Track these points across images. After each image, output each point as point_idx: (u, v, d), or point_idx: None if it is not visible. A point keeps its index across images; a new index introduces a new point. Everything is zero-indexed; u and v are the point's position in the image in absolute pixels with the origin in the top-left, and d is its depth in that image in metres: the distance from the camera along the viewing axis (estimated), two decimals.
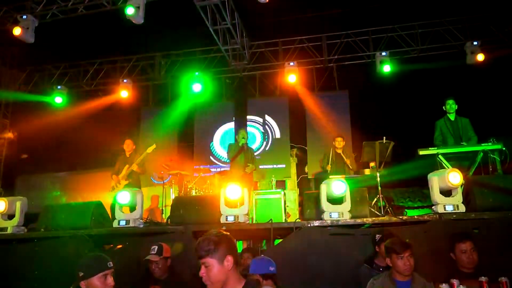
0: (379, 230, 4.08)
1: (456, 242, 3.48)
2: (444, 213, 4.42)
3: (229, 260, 2.24)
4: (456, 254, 3.46)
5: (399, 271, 3.23)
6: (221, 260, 2.23)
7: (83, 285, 2.67)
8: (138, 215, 5.17)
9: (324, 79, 11.06)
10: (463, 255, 3.41)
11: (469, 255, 3.39)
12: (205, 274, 2.24)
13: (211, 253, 2.24)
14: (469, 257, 3.38)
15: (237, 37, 9.81)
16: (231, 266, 2.24)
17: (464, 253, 3.42)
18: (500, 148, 5.82)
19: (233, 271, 2.26)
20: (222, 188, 5.03)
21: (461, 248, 3.44)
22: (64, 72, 11.94)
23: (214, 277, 2.22)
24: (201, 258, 2.26)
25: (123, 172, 7.42)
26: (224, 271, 2.23)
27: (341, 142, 7.60)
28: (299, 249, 4.52)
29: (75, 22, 9.30)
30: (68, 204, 6.12)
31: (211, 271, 2.23)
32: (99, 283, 2.65)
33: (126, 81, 11.42)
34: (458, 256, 3.44)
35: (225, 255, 2.24)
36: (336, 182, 4.59)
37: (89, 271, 2.68)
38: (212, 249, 2.24)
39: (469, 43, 9.89)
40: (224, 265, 2.23)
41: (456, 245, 3.47)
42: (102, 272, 2.68)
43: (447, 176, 4.36)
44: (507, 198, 4.54)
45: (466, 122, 6.76)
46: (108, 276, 2.70)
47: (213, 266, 2.23)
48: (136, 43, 11.01)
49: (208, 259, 2.24)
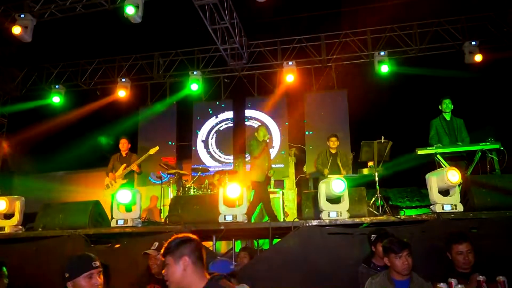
0: (375, 230, 4.08)
1: (453, 243, 3.45)
2: (442, 213, 4.43)
3: (186, 260, 2.29)
4: (452, 255, 3.44)
5: (397, 270, 3.23)
6: (178, 260, 2.30)
7: (69, 285, 2.68)
8: (137, 215, 5.17)
9: (323, 78, 11.05)
10: (459, 256, 3.39)
11: (465, 256, 3.37)
12: (165, 273, 2.33)
13: (170, 252, 2.33)
14: (465, 259, 3.37)
15: (236, 36, 9.81)
16: (187, 267, 2.29)
17: (460, 254, 3.39)
18: (498, 147, 5.85)
19: (191, 272, 2.29)
20: (221, 187, 5.04)
21: (457, 249, 3.41)
22: (62, 71, 11.90)
23: (170, 276, 2.30)
24: (164, 255, 2.36)
25: (119, 171, 7.41)
26: (179, 270, 2.29)
27: (336, 142, 7.44)
28: (298, 249, 4.52)
29: (74, 21, 9.30)
30: (66, 203, 6.10)
31: (169, 269, 2.31)
32: (84, 283, 2.66)
33: (125, 80, 11.40)
34: (454, 257, 3.43)
35: (182, 256, 2.30)
36: (336, 181, 4.59)
37: (74, 271, 2.69)
38: (171, 249, 2.33)
39: (467, 43, 9.91)
40: (179, 265, 2.29)
41: (453, 246, 3.44)
42: (87, 272, 2.68)
43: (446, 174, 4.37)
44: (505, 198, 4.55)
45: (461, 122, 6.79)
46: (94, 275, 2.70)
47: (170, 265, 2.31)
48: (135, 42, 11.01)
49: (168, 257, 2.33)
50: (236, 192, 4.81)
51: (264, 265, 4.53)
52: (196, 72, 11.10)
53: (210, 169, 9.66)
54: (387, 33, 10.52)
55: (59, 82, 11.80)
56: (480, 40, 9.93)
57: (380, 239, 3.78)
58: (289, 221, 5.27)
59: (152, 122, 11.62)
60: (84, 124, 11.60)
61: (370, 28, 10.63)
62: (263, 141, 7.10)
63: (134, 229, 5.06)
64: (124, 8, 7.69)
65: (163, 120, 11.57)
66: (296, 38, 10.97)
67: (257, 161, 7.09)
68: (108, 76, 11.78)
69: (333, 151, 7.40)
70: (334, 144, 7.41)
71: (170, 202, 5.90)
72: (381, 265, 3.74)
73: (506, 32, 9.89)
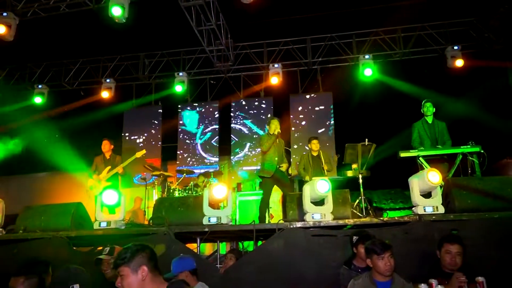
0: (356, 232, 4.12)
1: (445, 241, 3.56)
2: (424, 214, 4.48)
3: (144, 270, 2.25)
4: (441, 253, 3.54)
5: (379, 271, 3.26)
6: (135, 270, 2.25)
7: None
8: (120, 217, 5.12)
9: (309, 80, 11.11)
10: (447, 256, 3.49)
11: (452, 257, 3.46)
12: (120, 284, 2.26)
13: (126, 262, 2.26)
14: (452, 259, 3.45)
15: (222, 38, 9.81)
16: (145, 276, 2.25)
17: (448, 254, 3.49)
18: (478, 150, 5.96)
19: (149, 281, 2.26)
20: (206, 189, 5.02)
21: (447, 248, 3.51)
22: (45, 71, 11.73)
23: (128, 285, 2.24)
24: (117, 267, 2.27)
25: (103, 173, 7.34)
26: (137, 280, 2.24)
27: (317, 145, 7.38)
28: (282, 251, 4.52)
29: (57, 20, 9.17)
30: (47, 205, 6.00)
31: (125, 280, 2.25)
32: None
33: (109, 80, 11.31)
34: (442, 255, 3.53)
35: (140, 265, 2.26)
36: (320, 181, 4.61)
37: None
38: (127, 258, 2.26)
39: (450, 47, 10.08)
40: (138, 275, 2.24)
41: (444, 244, 3.55)
42: None
43: (427, 175, 4.44)
44: (485, 200, 4.63)
45: (443, 126, 6.89)
46: None
47: (127, 276, 2.25)
48: (120, 42, 10.91)
49: (122, 267, 2.26)
50: (222, 193, 4.80)
51: (248, 267, 4.52)
52: (182, 73, 11.07)
53: (195, 170, 9.61)
54: (371, 37, 10.64)
55: (42, 81, 11.62)
56: (462, 45, 10.11)
57: (362, 241, 3.82)
58: (273, 223, 5.26)
59: (137, 123, 11.54)
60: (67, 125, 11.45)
61: (355, 32, 10.74)
62: (273, 134, 6.70)
63: (117, 232, 5.01)
64: (109, 9, 7.63)
65: (148, 121, 11.50)
66: (282, 41, 11.02)
67: (267, 156, 6.70)
68: (93, 76, 11.66)
69: (315, 153, 7.32)
70: (316, 146, 7.32)
71: (154, 204, 5.86)
72: (362, 267, 3.78)
73: (487, 37, 10.10)
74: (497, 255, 4.04)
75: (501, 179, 5.05)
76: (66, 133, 11.59)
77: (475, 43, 10.26)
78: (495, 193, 4.66)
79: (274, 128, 6.68)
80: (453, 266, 3.45)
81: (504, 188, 4.72)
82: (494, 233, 4.23)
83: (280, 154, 6.77)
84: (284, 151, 6.96)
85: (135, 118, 11.64)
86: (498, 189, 4.71)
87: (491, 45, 10.14)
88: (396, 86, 10.70)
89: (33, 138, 11.56)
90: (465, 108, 9.94)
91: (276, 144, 6.68)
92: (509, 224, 4.24)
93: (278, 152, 6.70)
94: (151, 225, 5.29)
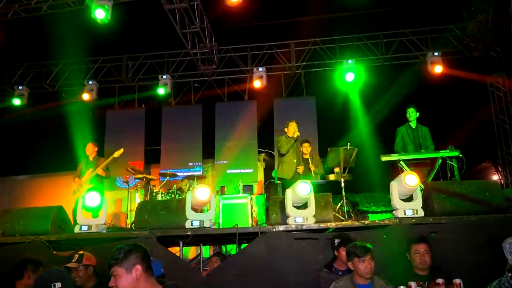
0: (338, 235, 4.16)
1: (412, 243, 3.69)
2: (404, 218, 4.55)
3: (137, 269, 2.25)
4: (411, 255, 3.66)
5: (360, 274, 3.31)
6: (129, 269, 2.25)
7: None
8: (101, 220, 5.06)
9: (292, 85, 11.19)
10: (416, 256, 3.60)
11: (421, 256, 3.57)
12: (114, 284, 2.25)
13: (119, 262, 2.26)
14: (421, 259, 3.55)
15: (206, 41, 9.82)
16: (139, 275, 2.25)
17: (417, 254, 3.60)
18: (457, 155, 6.09)
19: (143, 281, 2.27)
20: (189, 193, 5.00)
21: (415, 248, 3.63)
22: (26, 72, 11.53)
23: (122, 285, 2.24)
24: (110, 267, 2.27)
25: (86, 176, 7.26)
26: (132, 280, 2.24)
27: (308, 148, 7.47)
28: (264, 254, 4.54)
29: (38, 21, 9.05)
30: (27, 208, 5.89)
31: (118, 280, 2.24)
32: None
33: (92, 82, 11.18)
34: (412, 256, 3.64)
35: (133, 265, 2.26)
36: (301, 184, 4.65)
37: None
38: (121, 258, 2.27)
39: (430, 53, 10.27)
40: (132, 274, 2.24)
41: (412, 246, 3.67)
42: None
43: (404, 179, 4.52)
44: (463, 203, 4.72)
45: (426, 131, 7.05)
46: None
47: (121, 276, 2.25)
48: (103, 44, 10.81)
49: (116, 267, 2.26)
50: (205, 195, 4.78)
51: (231, 270, 4.52)
52: (166, 76, 11.02)
53: (178, 174, 9.56)
54: (354, 42, 10.78)
55: (22, 83, 11.41)
56: (442, 51, 10.31)
57: (343, 244, 3.87)
58: (256, 227, 5.29)
59: (120, 125, 11.42)
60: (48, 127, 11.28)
61: (339, 37, 10.87)
62: (292, 138, 6.84)
63: (98, 235, 4.95)
64: (92, 11, 7.55)
65: (131, 124, 11.39)
66: (266, 45, 11.09)
67: (285, 158, 6.89)
68: (75, 78, 11.50)
69: (305, 156, 7.38)
70: (307, 150, 7.39)
71: (136, 207, 5.80)
72: (343, 270, 3.83)
73: (466, 44, 10.33)
74: (474, 257, 4.13)
75: (479, 183, 5.15)
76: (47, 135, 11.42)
77: (455, 50, 10.48)
78: (473, 197, 4.76)
79: (292, 131, 6.88)
80: (423, 265, 3.56)
81: (481, 192, 4.81)
82: (471, 236, 4.32)
83: (299, 156, 7.01)
84: (301, 153, 7.17)
85: (118, 120, 11.52)
86: (476, 193, 4.81)
87: (470, 51, 10.38)
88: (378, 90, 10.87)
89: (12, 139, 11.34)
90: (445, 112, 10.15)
91: (294, 146, 6.91)
92: (486, 227, 4.34)
93: (296, 154, 6.94)
94: (133, 228, 5.24)
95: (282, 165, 6.97)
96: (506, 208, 4.81)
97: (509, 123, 10.15)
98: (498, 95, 10.42)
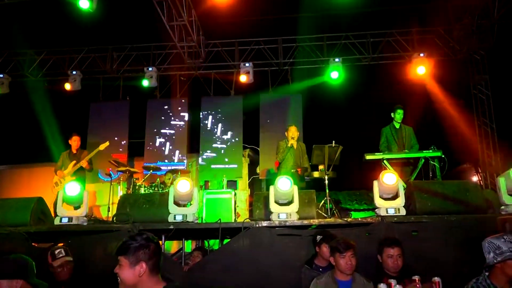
0: (320, 232, 4.18)
1: (385, 246, 3.63)
2: (386, 216, 4.61)
3: (142, 266, 2.23)
4: (383, 258, 3.61)
5: (340, 270, 3.34)
6: (134, 264, 2.23)
7: None
8: (82, 213, 4.99)
9: (279, 81, 11.18)
10: (389, 260, 3.57)
11: (394, 260, 3.56)
12: (118, 272, 2.26)
13: (126, 254, 2.25)
14: (394, 262, 3.55)
15: (194, 34, 9.72)
16: (143, 273, 2.23)
17: (390, 258, 3.58)
18: (439, 155, 6.18)
19: (146, 278, 2.24)
20: (172, 187, 4.97)
21: (388, 252, 3.59)
22: (8, 60, 11.25)
23: (124, 277, 2.24)
24: (118, 255, 2.27)
25: (69, 168, 7.15)
26: (134, 275, 2.23)
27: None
28: (247, 249, 4.54)
29: (21, 8, 8.83)
30: (5, 199, 5.78)
31: (122, 270, 2.24)
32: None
33: (75, 73, 10.96)
34: (384, 259, 3.60)
35: (139, 261, 2.24)
36: (282, 179, 4.66)
37: None
38: (128, 250, 2.25)
39: (416, 54, 10.37)
40: (135, 270, 2.23)
41: (384, 249, 3.62)
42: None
43: (382, 178, 4.59)
44: (444, 203, 4.80)
45: (410, 131, 7.15)
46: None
47: (124, 267, 2.24)
48: (88, 34, 10.62)
49: (122, 257, 2.25)
50: (185, 187, 4.75)
51: (213, 265, 4.51)
52: (152, 68, 10.89)
53: (162, 167, 9.48)
54: (342, 41, 10.82)
55: (4, 71, 11.13)
56: (427, 52, 10.42)
57: (325, 241, 3.89)
58: (239, 222, 5.28)
59: (103, 118, 11.24)
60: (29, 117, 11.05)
61: (326, 35, 10.90)
62: (287, 147, 7.01)
63: (78, 228, 4.88)
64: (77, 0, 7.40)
65: (115, 116, 11.22)
66: (254, 40, 11.04)
67: (282, 163, 7.09)
68: (58, 68, 11.29)
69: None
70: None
71: (118, 200, 5.74)
72: (323, 266, 3.86)
73: (452, 46, 10.47)
74: (453, 256, 4.20)
75: (460, 184, 5.26)
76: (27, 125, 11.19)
77: (440, 52, 10.61)
78: (454, 197, 4.85)
79: (291, 135, 6.98)
80: (396, 269, 3.56)
81: (462, 192, 4.91)
82: (451, 235, 4.39)
83: (297, 158, 7.08)
84: (302, 154, 7.19)
85: (101, 112, 11.33)
86: (457, 193, 4.90)
87: (455, 54, 10.52)
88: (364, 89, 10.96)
89: None
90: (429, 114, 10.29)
91: (291, 151, 7.02)
92: (465, 227, 4.42)
93: (294, 157, 7.03)
94: (115, 221, 5.18)
95: (280, 169, 7.11)
96: (485, 208, 4.92)
97: (490, 126, 10.33)
98: (480, 98, 10.59)
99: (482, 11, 9.20)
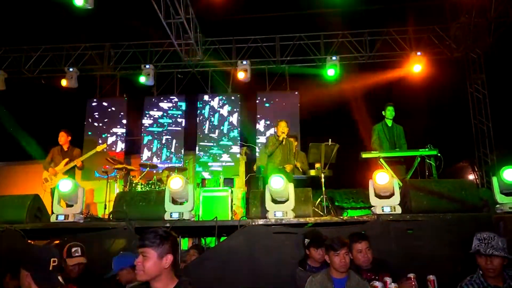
0: (308, 233, 4.14)
1: (353, 242, 3.64)
2: (382, 214, 4.62)
3: (168, 258, 2.31)
4: (353, 254, 3.61)
5: (335, 267, 3.35)
6: (161, 256, 2.30)
7: None
8: (78, 210, 4.98)
9: (276, 79, 11.17)
10: (359, 254, 3.60)
11: (364, 254, 3.60)
12: (141, 263, 2.30)
13: (155, 246, 2.31)
14: (364, 256, 3.59)
15: (191, 32, 9.69)
16: (168, 264, 2.31)
17: (360, 253, 3.60)
18: (435, 154, 6.20)
19: (169, 270, 2.33)
20: (168, 185, 4.96)
21: (357, 248, 3.61)
22: (4, 57, 11.19)
23: (149, 269, 2.29)
24: (143, 247, 2.31)
25: (60, 166, 7.12)
26: (160, 266, 2.30)
27: (294, 143, 7.47)
28: (243, 247, 4.54)
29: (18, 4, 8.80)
30: (1, 196, 5.77)
31: (148, 262, 2.29)
32: None
33: (72, 70, 10.91)
34: (354, 255, 3.61)
35: (166, 253, 2.32)
36: (274, 177, 4.67)
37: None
38: (157, 243, 2.31)
39: (413, 53, 10.39)
40: (162, 261, 2.30)
41: (353, 245, 3.62)
42: None
43: (374, 177, 4.61)
44: (440, 201, 4.82)
45: (400, 130, 7.21)
46: None
47: (151, 259, 2.29)
48: (85, 31, 10.58)
49: (149, 249, 2.30)
50: (177, 184, 4.75)
51: (209, 263, 4.52)
52: (149, 65, 10.85)
53: (159, 165, 9.47)
54: (339, 39, 10.82)
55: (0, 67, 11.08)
56: (424, 51, 10.44)
57: (313, 245, 3.89)
58: (235, 220, 5.29)
59: (100, 115, 11.23)
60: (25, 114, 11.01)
61: (324, 33, 10.90)
62: (278, 140, 6.90)
63: (75, 225, 4.88)
64: None
65: (112, 114, 11.21)
66: (251, 38, 11.03)
67: (271, 158, 6.99)
68: (55, 65, 11.24)
69: None
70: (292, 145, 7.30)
71: (114, 198, 5.73)
72: (317, 267, 3.86)
73: (448, 45, 10.49)
74: (448, 254, 4.21)
75: (456, 182, 5.26)
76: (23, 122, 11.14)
77: (437, 50, 10.63)
78: (449, 195, 4.87)
79: (281, 130, 6.89)
80: (367, 262, 3.60)
81: (458, 190, 4.92)
82: (447, 233, 4.41)
83: (285, 155, 6.97)
84: (290, 151, 7.09)
85: (98, 109, 11.31)
86: (452, 191, 4.91)
87: (452, 52, 10.54)
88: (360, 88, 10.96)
89: None
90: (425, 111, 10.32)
91: (281, 147, 6.91)
92: (460, 225, 4.44)
93: (282, 153, 6.92)
94: (111, 219, 5.18)
95: (268, 163, 7.03)
96: (481, 207, 4.95)
97: (487, 125, 10.37)
98: (477, 97, 10.62)
99: (479, 10, 9.21)
